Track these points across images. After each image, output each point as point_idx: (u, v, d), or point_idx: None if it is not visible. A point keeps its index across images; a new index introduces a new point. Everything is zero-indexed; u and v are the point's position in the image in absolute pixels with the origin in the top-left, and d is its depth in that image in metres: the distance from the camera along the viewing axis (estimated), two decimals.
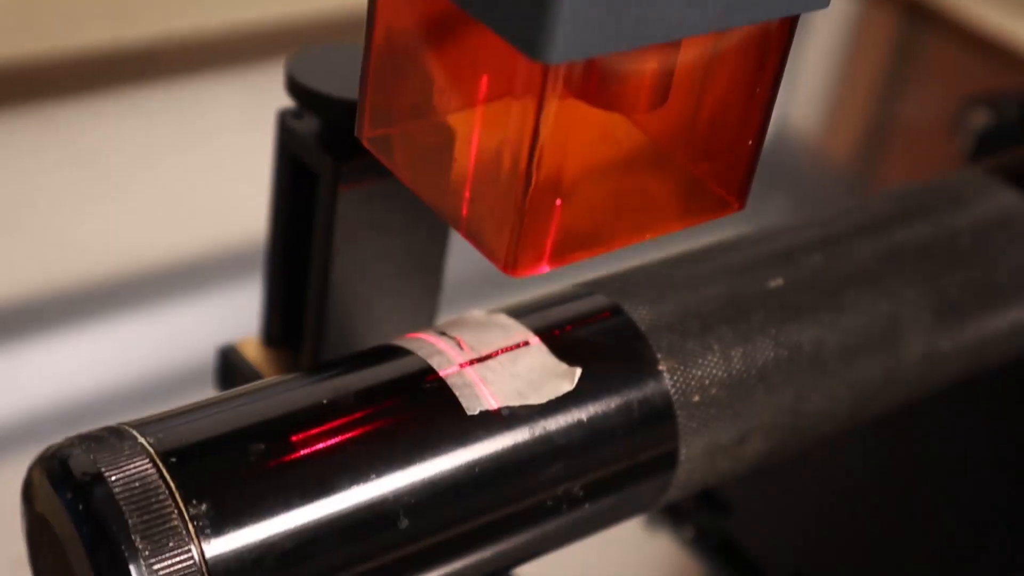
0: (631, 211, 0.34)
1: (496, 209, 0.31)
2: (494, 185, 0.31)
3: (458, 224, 0.33)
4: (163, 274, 0.65)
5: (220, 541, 0.30)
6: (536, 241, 0.31)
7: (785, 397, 0.40)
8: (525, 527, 0.36)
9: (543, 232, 0.31)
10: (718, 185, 0.34)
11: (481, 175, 0.32)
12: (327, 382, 0.35)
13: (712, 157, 0.34)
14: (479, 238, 0.32)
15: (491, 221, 0.31)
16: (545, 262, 0.32)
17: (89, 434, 0.32)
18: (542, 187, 0.31)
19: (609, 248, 0.33)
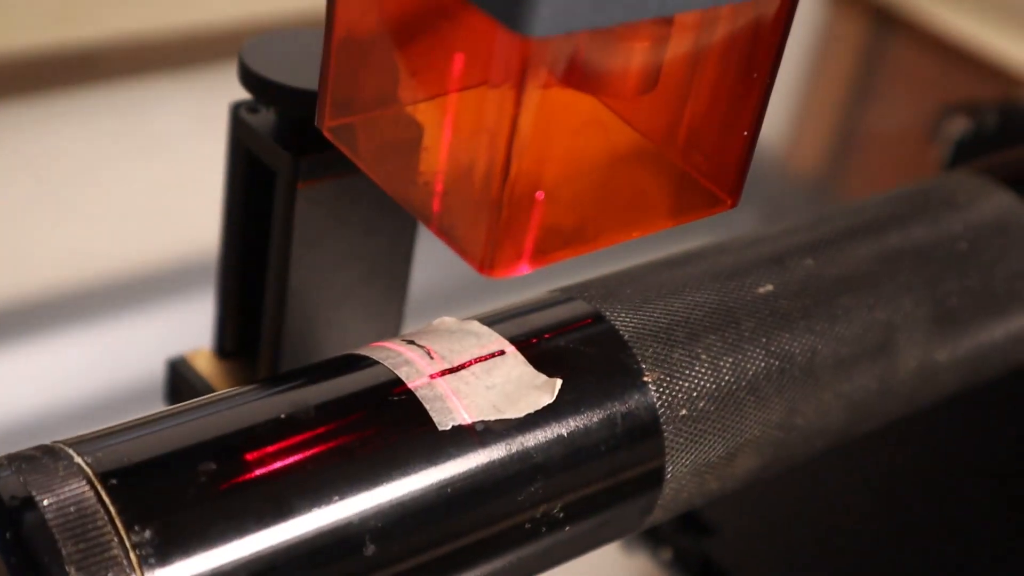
0: (618, 208, 0.31)
1: (471, 204, 0.29)
2: (469, 178, 0.29)
3: (429, 221, 0.30)
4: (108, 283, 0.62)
5: (166, 572, 0.27)
6: (515, 239, 0.29)
7: (777, 411, 0.38)
8: (501, 552, 0.33)
9: (523, 229, 0.29)
10: (710, 181, 0.32)
11: (454, 167, 0.29)
12: (285, 395, 0.32)
13: (704, 150, 0.32)
14: (452, 235, 0.29)
15: (465, 217, 0.29)
16: (525, 261, 0.30)
17: (20, 454, 0.29)
18: (522, 180, 0.28)
19: (594, 247, 0.30)
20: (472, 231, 0.29)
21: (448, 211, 0.30)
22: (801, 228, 0.41)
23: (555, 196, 0.30)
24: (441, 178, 0.30)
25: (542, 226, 0.29)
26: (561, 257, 0.30)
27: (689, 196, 0.32)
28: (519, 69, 0.27)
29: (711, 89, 0.31)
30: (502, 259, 0.29)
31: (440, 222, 0.30)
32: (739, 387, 0.37)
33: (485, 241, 0.29)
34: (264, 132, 0.38)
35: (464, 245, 0.29)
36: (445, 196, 0.30)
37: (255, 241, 0.41)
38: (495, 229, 0.28)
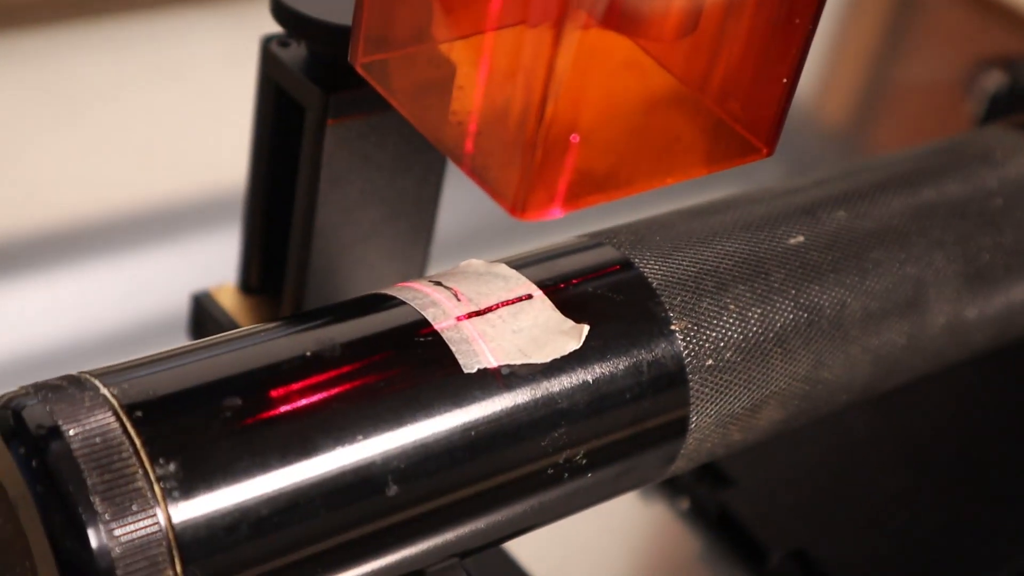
0: (652, 153, 0.31)
1: (505, 145, 0.28)
2: (504, 119, 0.28)
3: (461, 161, 0.30)
4: (134, 215, 0.62)
5: (189, 505, 0.27)
6: (548, 182, 0.28)
7: (803, 363, 0.37)
8: (522, 497, 0.33)
9: (556, 172, 0.28)
10: (746, 128, 0.31)
11: (489, 107, 0.29)
12: (311, 332, 0.32)
13: (741, 98, 0.31)
14: (484, 176, 0.29)
15: (499, 158, 0.28)
16: (557, 205, 0.29)
17: (46, 384, 0.29)
18: (557, 122, 0.28)
19: (627, 192, 0.30)
20: (505, 172, 0.28)
21: (481, 152, 0.29)
22: (834, 179, 0.41)
23: (590, 140, 0.29)
24: (475, 118, 0.29)
25: (576, 170, 0.29)
26: (593, 202, 0.30)
27: (724, 144, 0.32)
28: (559, 9, 0.26)
29: (751, 35, 0.31)
30: (534, 202, 0.29)
31: (472, 162, 0.29)
32: (766, 339, 0.36)
33: (518, 183, 0.28)
34: (295, 67, 0.38)
35: (496, 186, 0.29)
36: (478, 136, 0.29)
37: (282, 177, 0.40)
38: (528, 171, 0.28)
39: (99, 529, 0.26)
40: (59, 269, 0.59)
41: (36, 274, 0.58)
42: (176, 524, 0.27)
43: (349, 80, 0.37)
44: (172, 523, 0.27)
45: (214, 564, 0.28)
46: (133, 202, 0.63)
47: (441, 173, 0.41)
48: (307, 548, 0.29)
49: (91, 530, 0.26)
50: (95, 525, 0.26)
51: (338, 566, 0.30)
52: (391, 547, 0.31)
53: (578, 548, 0.50)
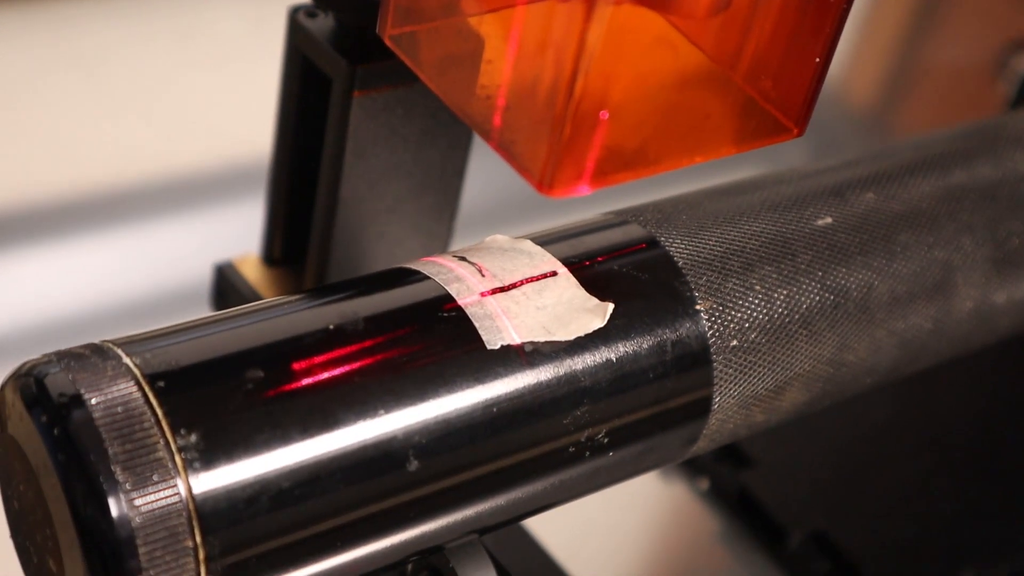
0: (681, 132, 0.31)
1: (533, 120, 0.28)
2: (533, 94, 0.28)
3: (489, 135, 0.29)
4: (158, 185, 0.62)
5: (210, 476, 0.27)
6: (576, 158, 0.28)
7: (828, 346, 0.37)
8: (543, 475, 0.33)
9: (585, 148, 0.28)
10: (777, 108, 0.31)
11: (518, 82, 0.28)
12: (334, 305, 0.31)
13: (773, 77, 0.31)
14: (512, 152, 0.28)
15: (527, 133, 0.28)
16: (585, 182, 0.29)
17: (69, 352, 0.29)
18: (587, 98, 0.27)
19: (656, 170, 0.30)
20: (533, 148, 0.28)
21: (509, 127, 0.29)
22: (863, 161, 0.40)
23: (619, 116, 0.29)
24: (503, 92, 0.29)
25: (604, 146, 0.29)
26: (621, 179, 0.30)
27: (754, 123, 0.31)
28: None
29: (784, 13, 0.30)
30: (562, 178, 0.28)
31: (500, 137, 0.29)
32: (792, 320, 0.36)
33: (546, 159, 0.28)
34: (322, 38, 0.37)
35: (524, 162, 0.29)
36: (507, 111, 0.29)
37: (307, 148, 0.40)
38: (557, 147, 0.28)
39: (120, 499, 0.26)
40: (83, 238, 0.59)
41: (60, 242, 0.58)
42: (196, 495, 0.27)
43: (376, 52, 0.37)
44: (192, 494, 0.27)
45: (234, 535, 0.28)
46: (157, 172, 0.63)
47: (467, 147, 0.41)
48: (326, 521, 0.29)
49: (112, 499, 0.26)
50: (116, 494, 0.26)
51: (357, 540, 0.30)
52: (410, 522, 0.31)
53: (597, 526, 0.50)
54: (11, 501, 0.30)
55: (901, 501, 0.52)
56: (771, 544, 0.50)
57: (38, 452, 0.27)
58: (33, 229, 0.59)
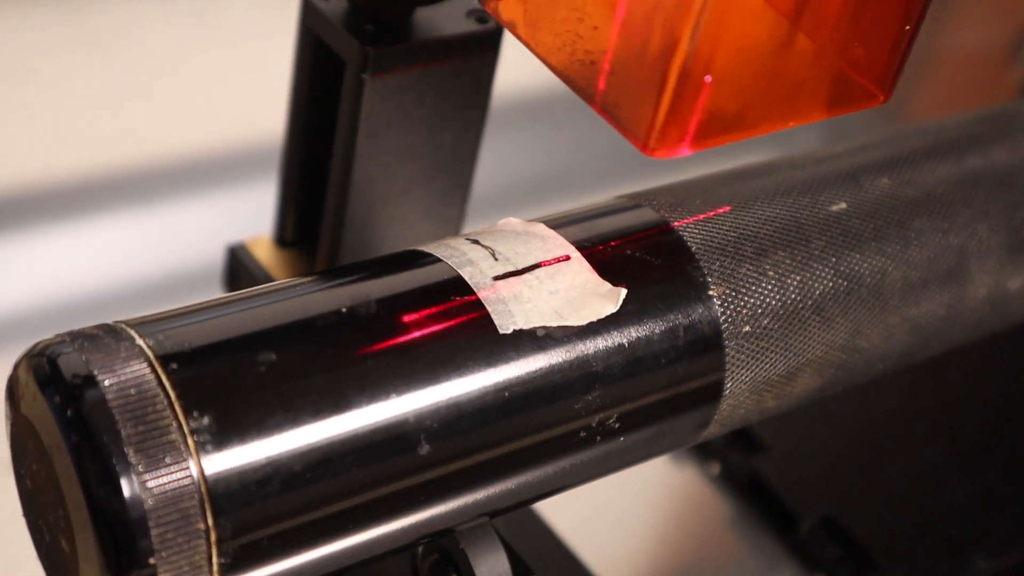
0: (779, 96, 0.31)
1: (640, 84, 0.29)
2: (640, 58, 0.29)
3: (592, 99, 0.30)
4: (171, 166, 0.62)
5: (222, 458, 0.27)
6: (681, 121, 0.29)
7: (841, 332, 0.37)
8: (554, 459, 0.33)
9: (689, 111, 0.29)
10: (865, 75, 0.32)
11: (625, 47, 0.29)
12: (346, 287, 0.31)
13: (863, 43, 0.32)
14: (616, 115, 0.30)
15: (633, 97, 0.29)
16: (687, 144, 0.30)
17: (82, 332, 0.29)
18: (695, 63, 0.28)
19: (752, 133, 0.31)
20: (638, 111, 0.29)
21: (613, 90, 0.30)
22: (878, 145, 0.40)
23: (722, 80, 0.29)
24: (609, 57, 0.29)
25: (707, 110, 0.29)
26: (721, 142, 0.30)
27: (844, 89, 0.32)
28: None
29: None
30: (666, 140, 0.29)
31: (604, 101, 0.30)
32: (805, 306, 0.36)
33: (651, 121, 0.29)
34: (335, 19, 0.37)
35: (628, 124, 0.29)
36: (612, 76, 0.30)
37: (320, 131, 0.40)
38: (663, 110, 0.29)
39: (132, 480, 0.26)
40: (96, 218, 0.59)
41: (74, 223, 0.58)
42: (208, 477, 0.27)
43: (389, 34, 0.37)
44: (205, 476, 0.27)
45: (245, 517, 0.28)
46: (170, 153, 0.63)
47: (479, 130, 0.40)
48: (337, 504, 0.29)
49: (124, 481, 0.26)
50: (128, 476, 0.26)
51: (368, 522, 0.30)
52: (421, 505, 0.31)
53: (607, 510, 0.50)
54: (24, 480, 0.30)
55: (913, 488, 0.52)
56: (782, 530, 0.50)
57: (51, 432, 0.27)
58: (46, 210, 0.59)
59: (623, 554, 0.50)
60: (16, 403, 0.29)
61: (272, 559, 0.29)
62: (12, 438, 0.30)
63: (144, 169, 0.61)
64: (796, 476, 0.51)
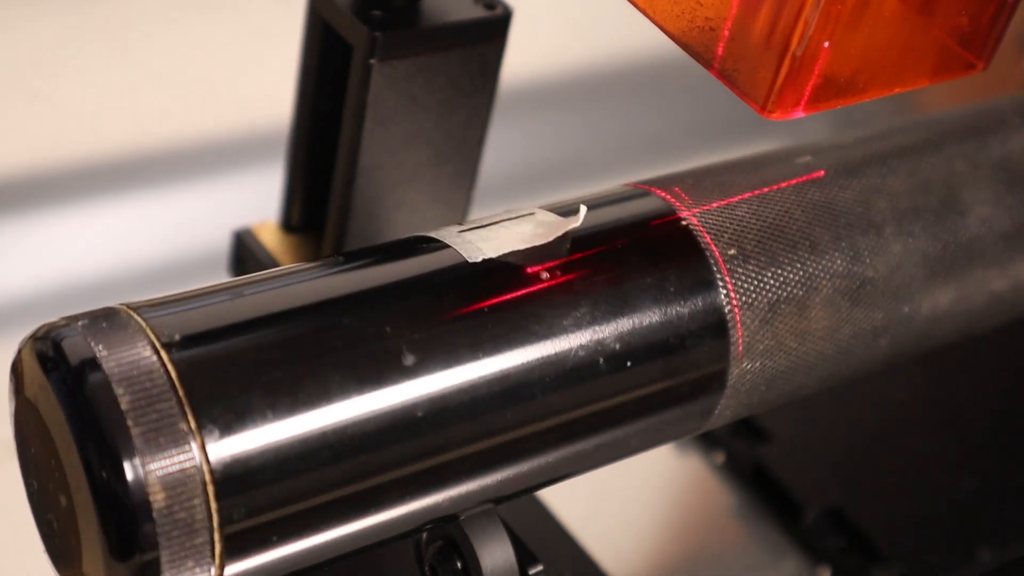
0: (887, 62, 0.33)
1: (760, 50, 0.30)
2: (761, 25, 0.30)
3: (710, 64, 0.32)
4: (177, 150, 0.62)
5: (225, 442, 0.27)
6: (800, 84, 0.31)
7: (848, 325, 0.37)
8: (559, 446, 0.33)
9: (807, 76, 0.31)
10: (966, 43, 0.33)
11: (745, 14, 0.31)
12: (354, 273, 0.31)
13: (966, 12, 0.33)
14: (734, 79, 0.31)
15: (751, 62, 0.31)
16: (802, 107, 0.31)
17: (88, 315, 0.29)
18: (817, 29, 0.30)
19: (861, 98, 0.32)
20: (757, 75, 0.31)
21: (732, 55, 0.31)
22: (890, 135, 0.40)
23: (838, 46, 0.31)
24: (729, 24, 0.31)
25: (822, 74, 0.31)
26: (832, 105, 0.32)
27: (946, 57, 0.33)
28: None
29: None
30: (783, 103, 0.31)
31: (722, 66, 0.31)
32: (812, 298, 0.36)
33: (771, 85, 0.30)
34: (343, 5, 0.37)
35: (746, 88, 0.31)
36: (731, 41, 0.31)
37: (327, 116, 0.40)
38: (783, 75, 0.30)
39: (135, 464, 0.26)
40: (102, 202, 0.59)
41: (79, 206, 0.58)
42: (212, 461, 0.27)
43: (397, 19, 0.37)
44: (208, 462, 0.27)
45: (248, 502, 0.28)
46: (176, 137, 0.62)
47: (487, 117, 0.40)
48: (341, 489, 0.29)
49: (127, 465, 0.26)
50: (131, 460, 0.26)
51: (372, 508, 0.30)
52: (426, 491, 0.31)
53: (612, 499, 0.50)
54: (28, 463, 0.30)
55: (918, 479, 0.52)
56: (786, 519, 0.50)
57: (55, 416, 0.27)
58: (53, 193, 0.59)
59: (627, 542, 0.50)
60: (20, 386, 0.29)
61: (275, 544, 0.29)
62: (16, 421, 0.30)
63: (150, 153, 0.61)
64: (801, 466, 0.51)
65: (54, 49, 0.65)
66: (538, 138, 0.65)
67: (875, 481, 0.52)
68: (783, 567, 0.50)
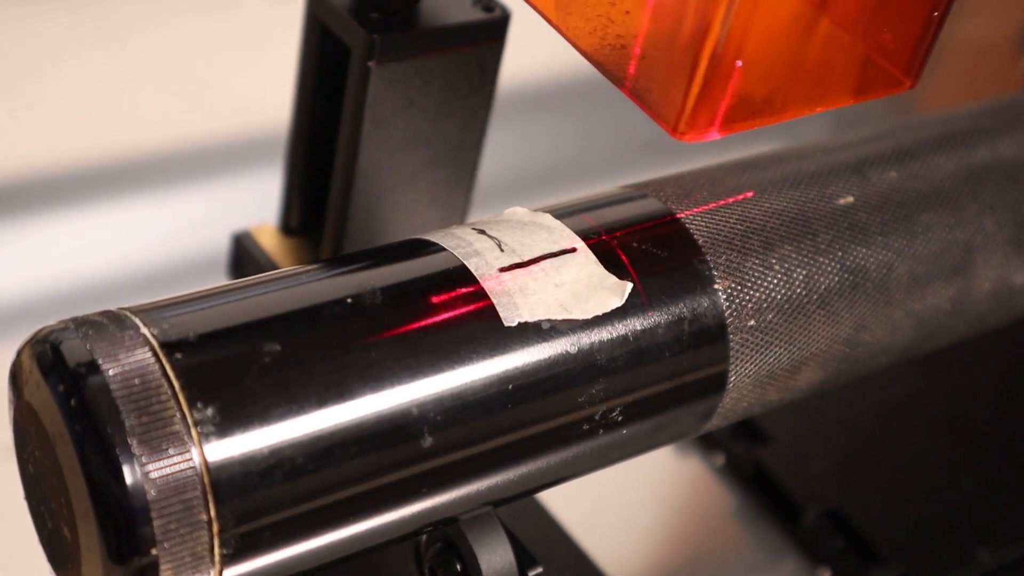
0: (807, 82, 0.32)
1: (671, 68, 0.29)
2: (671, 43, 0.29)
3: (622, 83, 0.30)
4: (176, 153, 0.62)
5: (225, 448, 0.27)
6: (710, 105, 0.30)
7: (845, 327, 0.37)
8: (557, 450, 0.33)
9: (719, 96, 0.30)
10: (892, 61, 0.32)
11: (656, 31, 0.30)
12: (351, 276, 0.31)
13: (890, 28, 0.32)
14: (646, 99, 0.30)
15: (663, 81, 0.29)
16: (716, 128, 0.30)
17: (86, 318, 0.29)
18: (726, 48, 0.29)
19: (780, 118, 0.31)
20: (668, 95, 0.29)
21: (644, 75, 0.30)
22: (885, 137, 0.40)
23: (752, 65, 0.30)
24: (640, 42, 0.30)
25: (736, 94, 0.30)
26: (748, 126, 0.31)
27: (872, 75, 0.32)
28: None
29: None
30: (696, 124, 0.30)
31: (634, 85, 0.30)
32: (810, 301, 0.36)
33: (681, 105, 0.29)
34: (341, 7, 0.37)
35: (658, 108, 0.30)
36: (642, 60, 0.30)
37: (326, 118, 0.40)
38: (693, 94, 0.29)
39: (135, 470, 0.26)
40: (101, 205, 0.59)
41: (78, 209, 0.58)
42: (211, 467, 0.27)
43: (395, 22, 0.37)
44: (208, 466, 0.27)
45: (247, 507, 0.28)
46: (175, 139, 0.62)
47: (485, 119, 0.40)
48: (340, 494, 0.29)
49: (127, 469, 0.26)
50: (131, 465, 0.26)
51: (370, 512, 0.30)
52: (424, 495, 0.31)
53: (611, 500, 0.50)
54: (27, 465, 0.30)
55: (917, 479, 0.52)
56: (786, 520, 0.50)
57: (54, 420, 0.27)
58: (52, 196, 0.59)
59: (626, 544, 0.50)
60: (19, 389, 0.29)
61: (274, 549, 0.29)
62: (15, 424, 0.30)
63: (149, 156, 0.61)
64: (800, 467, 0.51)
65: (53, 51, 0.65)
66: (536, 140, 0.65)
67: (874, 482, 0.52)
68: (783, 568, 0.50)
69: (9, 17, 0.66)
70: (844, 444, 0.53)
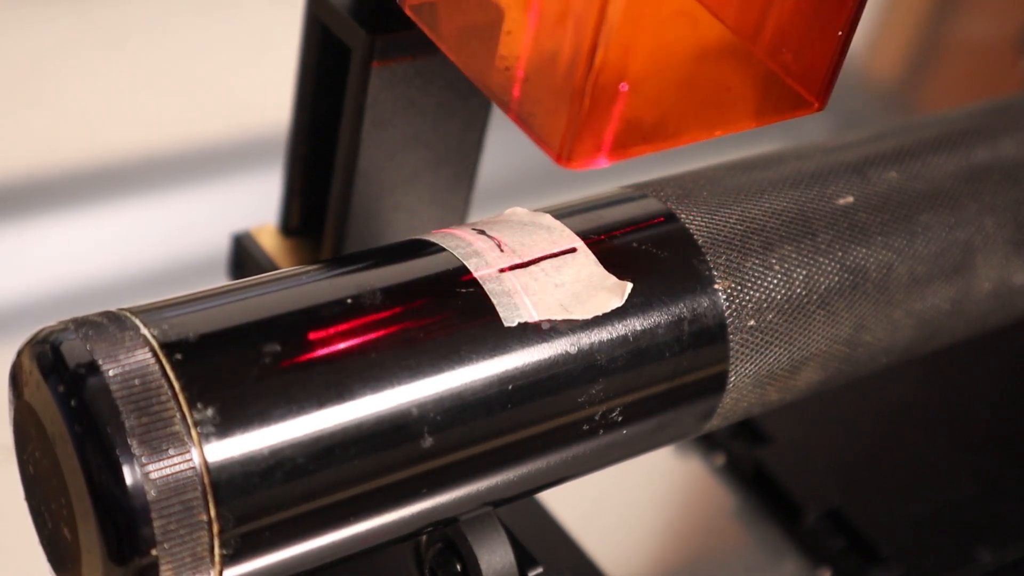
0: (701, 105, 0.30)
1: (553, 92, 0.28)
2: (552, 65, 0.28)
3: (508, 107, 0.29)
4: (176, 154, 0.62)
5: (225, 449, 0.27)
6: (595, 130, 0.28)
7: (845, 326, 0.37)
8: (557, 450, 0.33)
9: (604, 120, 0.28)
10: (798, 81, 0.31)
11: (537, 53, 0.28)
12: (351, 277, 0.31)
13: (794, 49, 0.30)
14: (531, 123, 0.28)
15: (546, 105, 0.28)
16: (604, 154, 0.29)
17: (86, 319, 0.29)
18: (607, 70, 0.27)
19: (675, 143, 0.30)
20: (552, 120, 0.28)
21: (528, 98, 0.29)
22: (885, 137, 0.40)
23: (639, 89, 0.29)
24: (522, 64, 0.29)
25: (623, 119, 0.28)
26: (640, 152, 0.29)
27: (775, 97, 0.31)
28: None
29: None
30: (581, 150, 0.28)
31: (519, 109, 0.29)
32: (810, 301, 0.36)
33: (565, 131, 0.28)
34: (341, 7, 0.37)
35: (542, 134, 0.28)
36: (526, 83, 0.29)
37: (326, 118, 0.40)
38: (576, 119, 0.28)
39: (135, 470, 0.26)
40: (101, 205, 0.59)
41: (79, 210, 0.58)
42: (211, 468, 0.27)
43: (395, 22, 0.37)
44: (208, 467, 0.27)
45: (248, 508, 0.28)
46: (175, 140, 0.62)
47: (485, 119, 0.40)
48: (340, 494, 0.29)
49: (127, 470, 0.26)
50: (131, 466, 0.26)
51: (371, 513, 0.30)
52: (425, 495, 0.31)
53: (611, 500, 0.50)
54: (27, 466, 0.30)
55: (917, 480, 0.52)
56: (786, 521, 0.50)
57: (54, 421, 0.27)
58: (52, 197, 0.59)
59: (627, 544, 0.50)
60: (19, 390, 0.29)
61: (274, 549, 0.29)
62: (15, 424, 0.30)
63: (149, 157, 0.61)
64: (801, 467, 0.51)
65: (53, 52, 0.65)
66: None
67: (875, 482, 0.52)
68: (783, 568, 0.50)
69: (9, 17, 0.66)
70: (844, 444, 0.53)
